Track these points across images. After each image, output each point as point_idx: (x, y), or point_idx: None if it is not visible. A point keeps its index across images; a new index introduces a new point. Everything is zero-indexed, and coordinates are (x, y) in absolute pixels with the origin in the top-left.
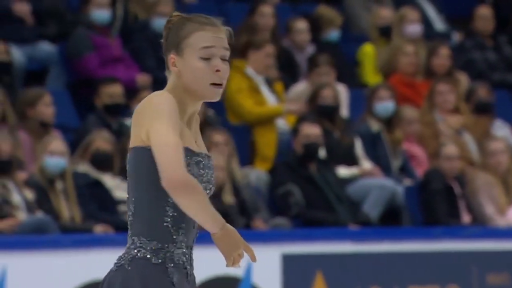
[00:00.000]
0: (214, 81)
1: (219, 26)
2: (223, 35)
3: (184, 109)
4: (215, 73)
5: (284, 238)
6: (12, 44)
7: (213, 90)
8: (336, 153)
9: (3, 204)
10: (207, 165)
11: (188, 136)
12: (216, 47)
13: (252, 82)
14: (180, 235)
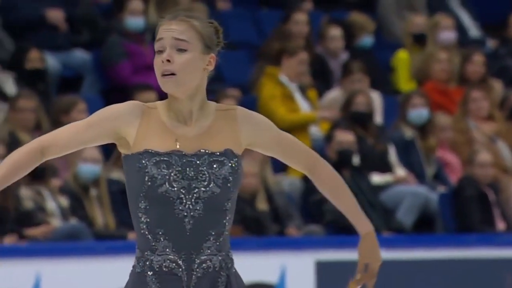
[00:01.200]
0: (162, 73)
1: (176, 19)
2: (178, 27)
3: (174, 109)
4: (161, 65)
5: (317, 245)
6: (46, 51)
7: (160, 81)
8: (370, 160)
9: (38, 211)
10: (187, 163)
11: (157, 138)
12: (165, 38)
13: (286, 89)
14: (160, 241)
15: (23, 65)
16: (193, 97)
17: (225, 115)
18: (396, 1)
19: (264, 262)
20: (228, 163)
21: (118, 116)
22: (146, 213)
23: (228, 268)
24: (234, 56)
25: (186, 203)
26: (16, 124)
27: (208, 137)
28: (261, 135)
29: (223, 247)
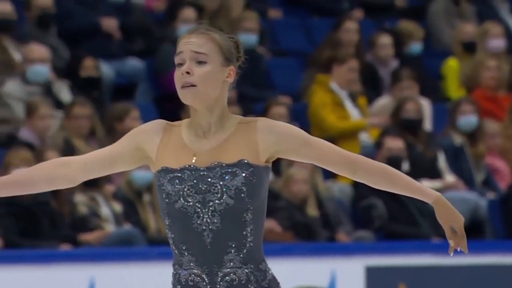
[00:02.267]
0: (181, 85)
1: (196, 32)
2: (198, 39)
3: (195, 122)
4: (181, 77)
5: (367, 250)
6: (101, 59)
7: (180, 93)
8: (419, 166)
9: (92, 216)
10: (199, 177)
11: (172, 154)
12: (184, 52)
13: (336, 96)
14: (185, 256)
15: (78, 73)
16: (212, 109)
17: (246, 128)
18: (445, 9)
19: (314, 268)
20: (241, 173)
21: (139, 133)
22: (170, 229)
23: (257, 282)
24: (285, 63)
25: (203, 217)
26: (71, 131)
27: (223, 150)
28: (287, 141)
29: (249, 259)
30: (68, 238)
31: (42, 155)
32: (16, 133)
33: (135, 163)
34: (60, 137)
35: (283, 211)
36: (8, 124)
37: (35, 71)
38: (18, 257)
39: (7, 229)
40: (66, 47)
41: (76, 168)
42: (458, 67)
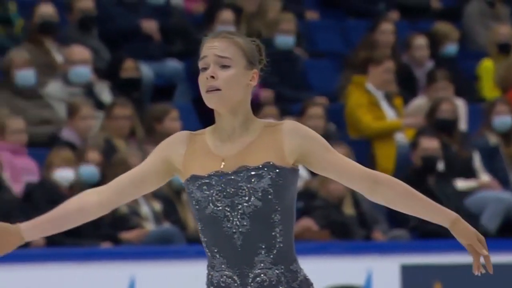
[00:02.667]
0: (206, 89)
1: (219, 37)
2: (221, 43)
3: (220, 127)
4: (206, 81)
5: (403, 249)
6: (141, 61)
7: (205, 97)
8: (454, 166)
9: (132, 215)
10: (226, 181)
11: (199, 161)
12: (208, 56)
13: (372, 97)
14: (216, 258)
15: (118, 74)
16: (236, 113)
17: (272, 131)
18: (480, 10)
19: (351, 266)
20: (267, 175)
21: (164, 148)
22: (203, 233)
23: (288, 283)
24: (321, 65)
25: (233, 220)
26: (111, 131)
27: (249, 153)
28: (310, 144)
29: (279, 260)
30: (109, 236)
31: (83, 155)
32: (58, 133)
33: (165, 178)
34: (101, 137)
35: (320, 210)
36: (50, 125)
37: (77, 73)
38: (60, 255)
39: None
40: (107, 49)
41: (108, 192)
42: (493, 68)
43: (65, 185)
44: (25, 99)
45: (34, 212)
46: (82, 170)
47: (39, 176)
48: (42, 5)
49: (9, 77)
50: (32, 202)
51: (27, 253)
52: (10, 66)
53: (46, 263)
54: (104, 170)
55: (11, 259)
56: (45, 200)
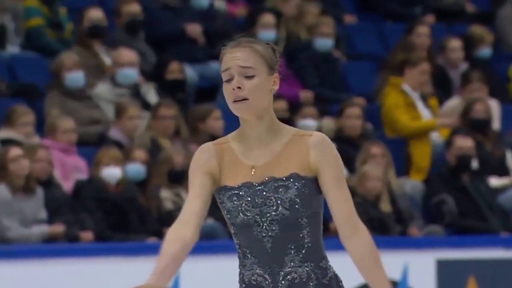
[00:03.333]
0: (233, 99)
1: (239, 46)
2: (242, 53)
3: (246, 135)
4: (232, 92)
5: (438, 244)
6: (185, 63)
7: (233, 107)
8: (488, 164)
9: (177, 211)
10: (254, 192)
11: (232, 172)
12: (232, 68)
13: (408, 97)
14: (248, 258)
15: (164, 76)
16: (262, 119)
17: (299, 140)
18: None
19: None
20: (293, 186)
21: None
22: (236, 236)
23: (318, 279)
24: (359, 66)
25: (262, 225)
26: (157, 131)
27: (276, 164)
28: (323, 166)
29: (309, 258)
30: (155, 231)
31: (130, 153)
32: (106, 132)
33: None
34: (147, 136)
35: (358, 206)
36: (98, 124)
37: (124, 75)
38: (108, 249)
39: (98, 223)
40: (153, 52)
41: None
42: None
43: (113, 183)
44: (75, 100)
45: (83, 208)
46: (129, 168)
47: (88, 174)
48: (91, 10)
49: (60, 79)
50: (81, 198)
51: (77, 247)
52: (60, 68)
53: (95, 257)
54: (149, 168)
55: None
56: (93, 197)
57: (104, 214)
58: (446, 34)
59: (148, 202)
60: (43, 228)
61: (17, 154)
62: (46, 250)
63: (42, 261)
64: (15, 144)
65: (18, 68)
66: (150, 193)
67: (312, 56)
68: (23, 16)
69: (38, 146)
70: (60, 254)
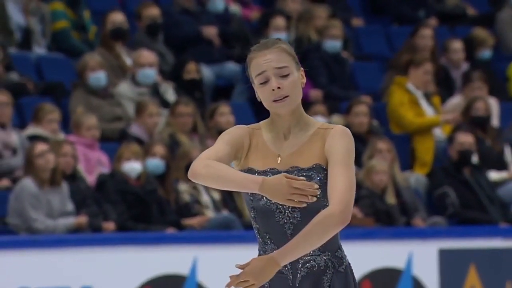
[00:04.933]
0: (274, 99)
1: (268, 48)
2: (273, 55)
3: (277, 126)
4: (272, 92)
5: (441, 235)
6: (202, 63)
7: (275, 106)
8: (488, 159)
9: (194, 203)
10: None
11: (259, 156)
12: (267, 70)
13: (412, 96)
14: (268, 244)
15: (182, 76)
16: (294, 112)
17: (323, 133)
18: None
19: (393, 250)
20: (316, 177)
21: (240, 137)
22: (256, 221)
23: (334, 268)
24: (367, 67)
25: (285, 212)
26: (175, 128)
27: (300, 154)
28: (331, 148)
29: (327, 247)
30: (173, 222)
31: (150, 148)
32: (128, 129)
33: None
34: (166, 132)
35: (365, 199)
36: (120, 121)
37: (144, 74)
38: (130, 239)
39: (120, 215)
40: (171, 53)
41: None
42: None
43: (133, 176)
44: (98, 98)
45: (106, 200)
46: (149, 162)
47: (110, 168)
48: (114, 13)
49: (84, 78)
50: (104, 191)
51: (101, 237)
52: (84, 68)
53: (117, 246)
54: (168, 162)
55: (87, 243)
56: (116, 190)
57: (126, 205)
58: (448, 36)
59: (167, 195)
60: (69, 220)
61: (43, 149)
62: (71, 240)
63: (68, 250)
64: (42, 140)
65: (45, 68)
66: (169, 186)
67: (322, 57)
68: (50, 19)
69: (64, 142)
70: (84, 243)
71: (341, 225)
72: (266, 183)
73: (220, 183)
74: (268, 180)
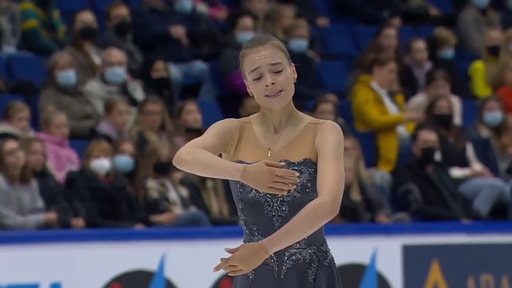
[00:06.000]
0: (267, 94)
1: (262, 45)
2: (267, 51)
3: (268, 120)
4: (266, 88)
5: (404, 230)
6: (170, 62)
7: (269, 101)
8: (451, 156)
9: (162, 200)
10: None
11: (249, 150)
12: (261, 66)
13: (377, 94)
14: (255, 235)
15: (150, 75)
16: (286, 107)
17: (313, 128)
18: (474, 17)
19: (358, 246)
20: (306, 171)
21: (230, 130)
22: (243, 212)
23: (319, 261)
24: (333, 66)
25: (273, 205)
26: (144, 126)
27: (290, 148)
28: (321, 142)
29: (313, 241)
30: (142, 219)
31: (119, 146)
32: (97, 127)
33: (220, 151)
34: (134, 130)
35: None
36: (89, 119)
37: (113, 73)
38: (99, 235)
39: (89, 211)
40: (140, 52)
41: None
42: (484, 69)
43: (102, 173)
44: (67, 96)
45: (75, 196)
46: (118, 160)
47: (79, 165)
48: (83, 13)
49: (54, 77)
50: (73, 188)
51: (70, 233)
52: (54, 67)
53: (87, 243)
54: (137, 160)
55: (56, 239)
56: (85, 187)
57: (95, 202)
58: (412, 36)
59: (136, 192)
60: (39, 216)
61: (13, 147)
62: (41, 236)
63: (38, 246)
64: (12, 138)
65: (15, 67)
66: (137, 183)
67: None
68: (20, 18)
69: (34, 139)
70: (54, 240)
71: (330, 215)
72: (247, 171)
73: (204, 169)
74: (249, 168)
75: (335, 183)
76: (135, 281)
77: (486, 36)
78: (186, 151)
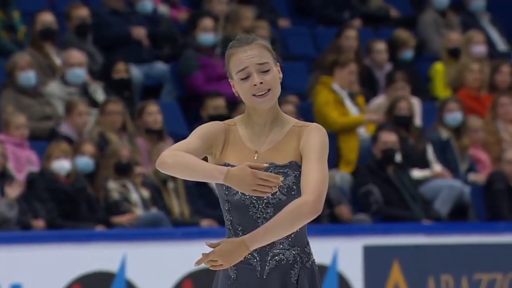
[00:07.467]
0: (254, 94)
1: (249, 44)
2: (254, 51)
3: (253, 121)
4: (254, 87)
5: (365, 231)
6: (131, 63)
7: (256, 101)
8: (411, 158)
9: (123, 201)
10: None
11: (235, 152)
12: (249, 66)
13: (337, 95)
14: (239, 235)
15: (111, 76)
16: (271, 108)
17: (298, 131)
18: (434, 19)
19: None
20: (292, 174)
21: (214, 133)
22: (229, 213)
23: (302, 263)
24: (293, 67)
25: (258, 207)
26: (105, 126)
27: (276, 151)
28: (306, 145)
29: (297, 242)
30: (102, 220)
31: (79, 147)
32: (57, 128)
33: (204, 154)
34: (95, 131)
35: None
36: (50, 120)
37: (74, 74)
38: (59, 236)
39: (49, 212)
40: (101, 53)
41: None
42: (444, 70)
43: (63, 174)
44: (27, 97)
45: (35, 198)
46: (78, 161)
47: (39, 167)
48: (43, 14)
49: (13, 78)
50: (33, 189)
51: (30, 235)
52: (14, 68)
53: (47, 244)
54: (98, 161)
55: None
56: (45, 188)
57: (55, 203)
58: (372, 37)
59: (96, 193)
60: None
61: None
62: (1, 237)
63: None
64: None
65: None
66: (98, 184)
67: None
68: None
69: None
70: (13, 241)
71: (313, 215)
72: (230, 173)
73: (186, 172)
74: (233, 171)
75: (319, 183)
76: (96, 282)
77: (446, 38)
78: (168, 154)
